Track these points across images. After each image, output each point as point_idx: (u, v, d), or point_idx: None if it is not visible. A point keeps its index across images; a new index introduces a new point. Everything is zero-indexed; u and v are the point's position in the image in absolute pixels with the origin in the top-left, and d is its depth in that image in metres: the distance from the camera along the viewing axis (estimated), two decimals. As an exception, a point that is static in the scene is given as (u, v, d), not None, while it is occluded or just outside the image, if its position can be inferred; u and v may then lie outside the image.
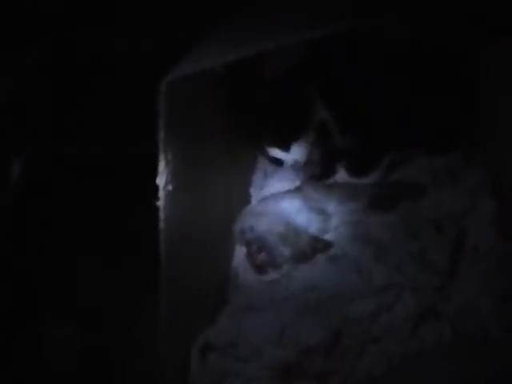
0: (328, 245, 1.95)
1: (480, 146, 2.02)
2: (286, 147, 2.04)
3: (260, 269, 1.97)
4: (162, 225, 1.53)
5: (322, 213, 2.04)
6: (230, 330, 1.76)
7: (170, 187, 1.55)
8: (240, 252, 2.05)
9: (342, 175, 2.17)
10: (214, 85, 1.73)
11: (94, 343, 1.66)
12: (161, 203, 1.53)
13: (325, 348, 1.69)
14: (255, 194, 2.24)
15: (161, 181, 1.53)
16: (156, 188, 1.51)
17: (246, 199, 2.20)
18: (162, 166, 1.53)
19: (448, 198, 1.96)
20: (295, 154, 2.07)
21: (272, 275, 1.94)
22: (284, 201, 2.08)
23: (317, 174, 2.15)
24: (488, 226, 1.87)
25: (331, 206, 2.05)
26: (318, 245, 1.95)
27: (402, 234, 1.90)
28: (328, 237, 1.99)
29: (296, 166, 2.09)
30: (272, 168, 2.27)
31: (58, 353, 1.64)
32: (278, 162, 2.14)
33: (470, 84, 2.01)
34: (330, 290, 1.82)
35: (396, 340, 1.69)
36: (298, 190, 2.13)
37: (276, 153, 2.10)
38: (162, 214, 1.53)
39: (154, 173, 1.50)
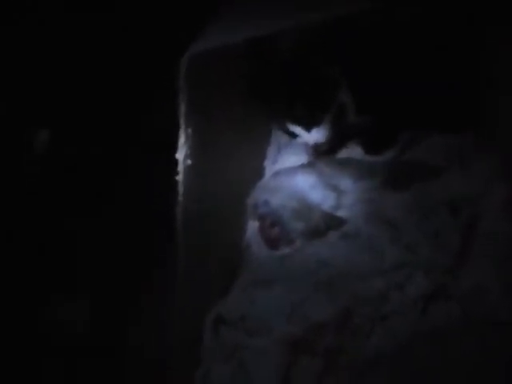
0: (341, 222, 1.96)
1: (494, 128, 2.01)
2: (307, 127, 2.04)
3: (272, 243, 1.98)
4: (180, 198, 1.55)
5: (336, 189, 2.05)
6: (241, 304, 1.78)
7: (188, 161, 1.56)
8: (252, 226, 2.06)
9: (356, 152, 2.17)
10: (233, 61, 1.73)
11: (105, 316, 1.68)
12: (180, 177, 1.54)
13: (335, 325, 1.71)
14: (268, 167, 2.25)
15: (180, 155, 1.54)
16: (176, 162, 1.52)
17: (259, 173, 2.20)
18: (182, 140, 1.54)
19: (461, 180, 1.96)
20: (316, 133, 2.07)
21: (284, 250, 1.96)
22: (298, 176, 2.09)
23: (331, 149, 2.15)
24: (501, 209, 1.87)
25: (345, 183, 2.06)
26: (332, 221, 1.96)
27: (416, 214, 1.90)
28: (341, 214, 1.99)
29: (315, 144, 2.09)
30: (285, 142, 2.27)
31: (66, 325, 1.66)
32: (297, 139, 2.14)
33: (484, 66, 2.00)
34: (341, 267, 1.84)
35: (406, 319, 1.71)
36: (311, 165, 2.13)
37: (297, 131, 2.10)
38: (180, 188, 1.54)
39: (173, 147, 1.51)
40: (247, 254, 2.01)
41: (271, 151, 2.28)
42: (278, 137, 2.28)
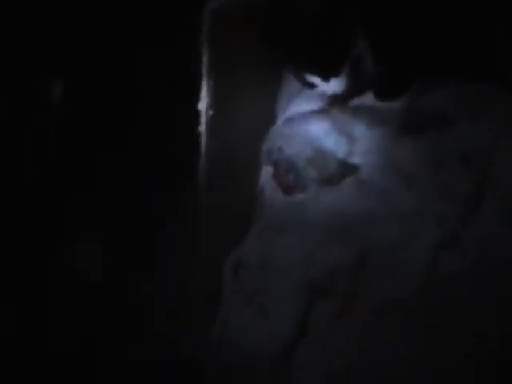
0: (355, 169, 1.99)
1: (509, 79, 2.02)
2: (325, 77, 2.05)
3: (287, 190, 2.02)
4: (202, 148, 1.58)
5: (349, 136, 2.08)
6: (258, 250, 1.84)
7: (210, 112, 1.59)
8: (266, 172, 2.09)
9: (369, 100, 2.19)
10: (254, 13, 1.73)
11: (121, 264, 1.69)
12: (202, 128, 1.57)
13: (350, 271, 1.77)
14: (281, 113, 2.26)
15: (202, 106, 1.57)
16: (198, 113, 1.55)
17: (272, 120, 2.22)
18: (204, 91, 1.56)
19: (474, 130, 1.98)
20: (334, 83, 2.08)
21: (299, 197, 2.00)
22: (311, 123, 2.11)
23: (347, 98, 2.16)
24: (512, 159, 1.91)
25: (358, 130, 2.08)
26: (346, 169, 1.99)
27: (428, 163, 1.94)
28: (355, 161, 2.03)
29: (333, 94, 2.11)
30: (297, 88, 2.28)
31: (83, 271, 1.68)
32: (314, 89, 2.15)
33: (501, 14, 2.00)
34: (355, 213, 1.88)
35: (418, 266, 1.77)
36: (324, 112, 2.15)
37: (316, 81, 2.11)
38: (203, 139, 1.58)
39: (196, 98, 1.54)
40: (262, 199, 2.04)
41: (283, 99, 2.29)
42: (290, 84, 2.29)
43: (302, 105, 2.24)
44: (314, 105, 2.21)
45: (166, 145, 1.55)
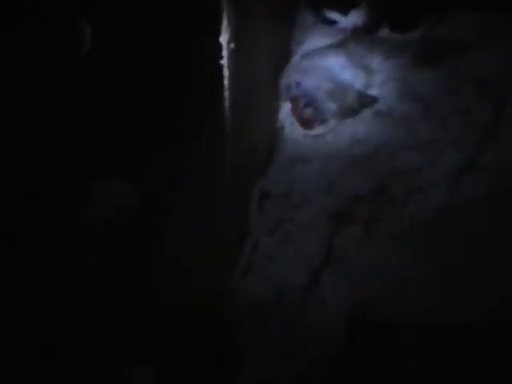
0: (374, 100, 2.02)
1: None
2: (345, 12, 2.08)
3: (307, 124, 2.05)
4: (226, 82, 1.61)
5: (366, 68, 2.10)
6: (282, 180, 1.89)
7: (231, 46, 1.61)
8: (285, 107, 2.12)
9: (384, 32, 2.20)
10: None
11: (148, 198, 1.70)
12: (224, 61, 1.60)
13: (371, 197, 1.82)
14: (297, 48, 2.28)
15: (224, 39, 1.59)
16: (220, 46, 1.57)
17: (289, 55, 2.24)
18: (224, 25, 1.58)
19: (489, 57, 2.01)
20: (353, 18, 2.10)
21: (319, 130, 2.04)
22: (328, 56, 2.13)
23: (360, 30, 2.18)
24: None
25: (375, 62, 2.11)
26: (365, 100, 2.03)
27: (446, 91, 1.97)
28: (373, 92, 2.06)
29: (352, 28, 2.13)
30: (312, 23, 2.29)
31: (111, 207, 1.70)
32: (332, 24, 2.17)
33: None
34: (376, 143, 1.93)
35: (438, 191, 1.82)
36: (340, 45, 2.17)
37: (335, 17, 2.13)
38: (225, 72, 1.60)
39: (217, 32, 1.56)
40: (282, 134, 2.08)
41: (298, 33, 2.31)
42: (305, 19, 2.30)
43: (318, 40, 2.25)
44: (329, 40, 2.22)
45: (191, 74, 1.57)
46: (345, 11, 2.07)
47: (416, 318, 1.58)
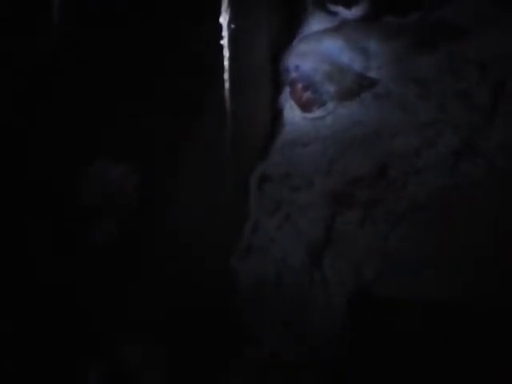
0: (373, 82, 2.03)
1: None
2: (348, 5, 2.09)
3: (305, 106, 2.05)
4: (227, 62, 1.61)
5: (364, 52, 2.10)
6: (281, 163, 1.89)
7: (232, 26, 1.60)
8: (284, 92, 2.12)
9: (383, 15, 2.20)
10: None
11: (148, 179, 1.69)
12: (225, 42, 1.59)
13: (371, 179, 1.83)
14: (295, 32, 2.27)
15: (224, 20, 1.58)
16: (220, 27, 1.57)
17: (287, 38, 2.24)
18: (225, 4, 1.57)
19: (489, 40, 2.01)
20: (355, 10, 2.11)
21: (317, 112, 2.04)
22: (326, 40, 2.13)
23: (358, 14, 2.18)
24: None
25: (373, 46, 2.11)
26: (364, 82, 2.03)
27: (445, 74, 1.98)
28: (372, 75, 2.06)
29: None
30: (311, 8, 2.29)
31: (115, 187, 1.70)
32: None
33: None
34: (375, 125, 1.93)
35: (437, 173, 1.83)
36: (337, 29, 2.17)
37: (338, 10, 2.14)
38: (226, 52, 1.60)
39: (217, 11, 1.56)
40: (280, 117, 2.08)
41: (297, 17, 2.30)
42: (303, 5, 2.29)
43: (315, 24, 2.26)
44: (326, 24, 2.22)
45: (191, 55, 1.56)
46: (348, 4, 2.08)
47: (416, 297, 1.59)
